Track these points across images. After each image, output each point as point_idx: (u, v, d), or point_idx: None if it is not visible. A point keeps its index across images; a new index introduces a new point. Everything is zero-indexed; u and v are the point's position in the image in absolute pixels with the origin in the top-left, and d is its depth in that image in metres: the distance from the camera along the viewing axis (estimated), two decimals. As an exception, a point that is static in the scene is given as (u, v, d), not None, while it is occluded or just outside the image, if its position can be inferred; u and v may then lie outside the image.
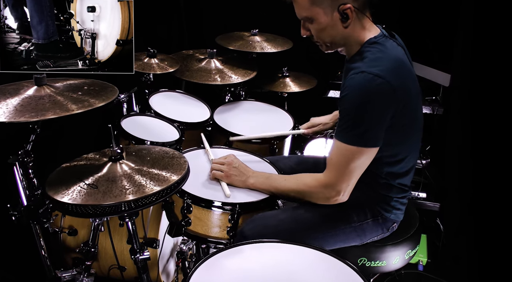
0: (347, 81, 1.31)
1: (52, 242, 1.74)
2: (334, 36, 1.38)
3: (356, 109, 1.28)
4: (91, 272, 1.69)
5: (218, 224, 1.45)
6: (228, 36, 2.60)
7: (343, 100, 1.31)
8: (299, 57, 2.82)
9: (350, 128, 1.30)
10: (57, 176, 1.28)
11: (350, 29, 1.35)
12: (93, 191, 1.17)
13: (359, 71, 1.28)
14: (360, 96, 1.26)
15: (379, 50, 1.33)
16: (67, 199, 1.15)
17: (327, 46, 1.43)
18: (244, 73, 2.37)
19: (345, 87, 1.31)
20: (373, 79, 1.24)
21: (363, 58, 1.33)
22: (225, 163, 1.54)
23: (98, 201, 1.14)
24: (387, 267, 1.59)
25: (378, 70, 1.26)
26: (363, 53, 1.35)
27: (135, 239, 1.37)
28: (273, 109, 2.45)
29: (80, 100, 1.38)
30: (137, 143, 1.83)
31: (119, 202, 1.14)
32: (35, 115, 1.27)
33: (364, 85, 1.25)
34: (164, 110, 2.14)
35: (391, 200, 1.48)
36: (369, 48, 1.35)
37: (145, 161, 1.32)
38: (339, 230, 1.46)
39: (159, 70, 2.16)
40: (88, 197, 1.16)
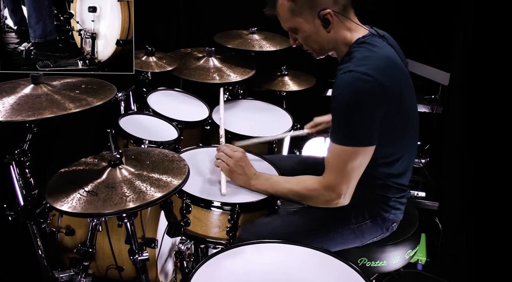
0: (336, 81, 1.30)
1: (49, 242, 1.73)
2: (320, 42, 1.40)
3: (346, 110, 1.26)
4: (89, 272, 1.68)
5: (218, 224, 1.44)
6: (226, 35, 2.58)
7: (333, 101, 1.30)
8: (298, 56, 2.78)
9: (342, 128, 1.29)
10: (56, 182, 1.26)
11: (334, 33, 1.36)
12: (93, 199, 1.15)
13: (347, 70, 1.26)
14: (349, 95, 1.25)
15: (368, 49, 1.32)
16: (66, 207, 1.13)
17: (317, 52, 1.45)
18: (243, 72, 2.36)
19: (334, 88, 1.30)
20: (361, 78, 1.23)
21: (351, 58, 1.32)
22: (233, 157, 1.51)
23: (98, 209, 1.12)
24: (387, 267, 1.58)
25: (366, 69, 1.24)
26: (352, 54, 1.34)
27: (134, 239, 1.36)
28: (272, 108, 2.44)
29: (78, 99, 1.36)
30: (135, 142, 1.82)
31: (120, 210, 1.12)
32: (32, 114, 1.25)
33: (353, 83, 1.24)
34: (163, 109, 2.13)
35: (389, 200, 1.47)
36: (357, 48, 1.34)
37: (144, 165, 1.31)
38: (337, 233, 1.45)
39: (157, 69, 2.14)
40: (88, 205, 1.14)
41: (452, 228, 2.37)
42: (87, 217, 1.12)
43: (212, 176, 1.58)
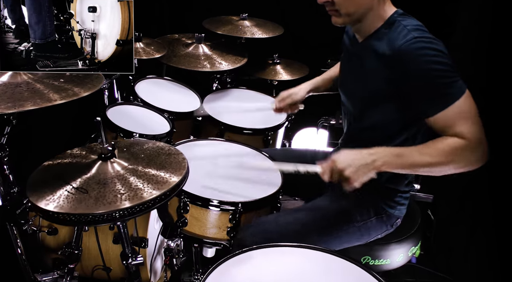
0: (407, 57, 1.18)
1: (30, 242, 1.60)
2: (360, 5, 1.27)
3: (435, 69, 1.16)
4: (74, 275, 1.57)
5: (217, 224, 1.34)
6: (215, 20, 2.46)
7: (414, 76, 1.18)
8: (290, 44, 2.71)
9: (445, 87, 1.17)
10: (38, 177, 1.13)
11: (378, 1, 1.27)
12: (83, 197, 1.02)
13: (411, 38, 1.18)
14: (432, 56, 1.16)
15: (416, 22, 1.26)
16: (52, 206, 1.00)
17: (347, 15, 1.29)
18: (235, 60, 2.25)
19: (407, 61, 1.19)
20: (432, 42, 1.18)
21: (398, 27, 1.24)
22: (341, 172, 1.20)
23: (90, 209, 0.99)
24: (390, 265, 1.57)
25: (431, 36, 1.19)
26: (395, 23, 1.25)
27: (127, 243, 1.25)
28: (265, 98, 2.34)
29: (63, 88, 1.23)
30: (125, 135, 1.69)
31: (115, 210, 1.00)
32: (12, 106, 1.12)
33: (427, 47, 1.17)
34: (152, 99, 2.00)
35: (395, 195, 1.43)
36: (401, 18, 1.27)
37: (139, 159, 1.19)
38: (342, 231, 1.40)
39: (144, 56, 2.00)
40: (78, 203, 1.01)
41: (446, 220, 2.36)
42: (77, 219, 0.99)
43: (209, 172, 1.48)
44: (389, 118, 1.33)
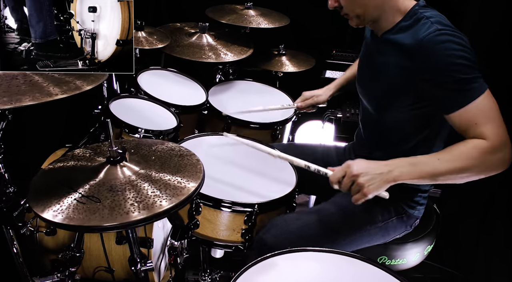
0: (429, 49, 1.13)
1: (27, 243, 1.51)
2: (366, 5, 1.22)
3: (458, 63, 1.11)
4: (76, 278, 1.49)
5: (232, 226, 1.27)
6: (219, 9, 2.35)
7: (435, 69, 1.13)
8: (296, 35, 2.61)
9: (468, 82, 1.12)
10: (40, 183, 1.03)
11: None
12: (96, 207, 0.91)
13: (434, 30, 1.12)
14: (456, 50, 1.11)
15: (439, 14, 1.19)
16: (61, 218, 0.89)
17: (358, 18, 1.26)
18: (240, 51, 2.15)
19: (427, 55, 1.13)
20: (456, 35, 1.13)
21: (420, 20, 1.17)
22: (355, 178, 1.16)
23: (106, 220, 0.88)
24: (406, 265, 1.56)
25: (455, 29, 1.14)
26: (416, 15, 1.19)
27: (137, 247, 1.16)
28: (271, 90, 2.25)
29: (64, 81, 1.13)
30: (130, 131, 1.59)
31: (134, 221, 0.89)
32: (8, 101, 1.01)
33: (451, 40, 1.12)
34: (156, 92, 1.89)
35: (415, 195, 1.40)
36: (423, 10, 1.20)
37: (150, 162, 1.09)
38: (364, 231, 1.37)
39: (147, 46, 1.89)
40: (91, 214, 0.90)
41: (454, 215, 2.31)
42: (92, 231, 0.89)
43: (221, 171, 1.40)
44: (404, 116, 1.28)
